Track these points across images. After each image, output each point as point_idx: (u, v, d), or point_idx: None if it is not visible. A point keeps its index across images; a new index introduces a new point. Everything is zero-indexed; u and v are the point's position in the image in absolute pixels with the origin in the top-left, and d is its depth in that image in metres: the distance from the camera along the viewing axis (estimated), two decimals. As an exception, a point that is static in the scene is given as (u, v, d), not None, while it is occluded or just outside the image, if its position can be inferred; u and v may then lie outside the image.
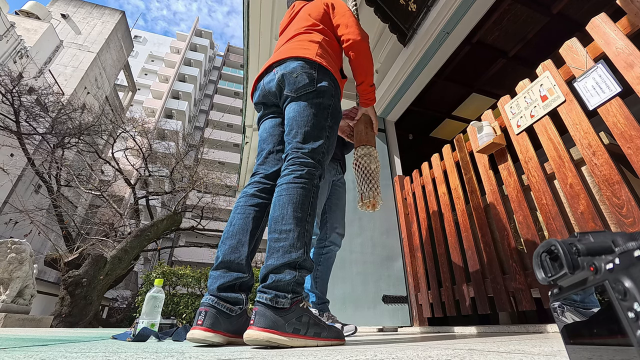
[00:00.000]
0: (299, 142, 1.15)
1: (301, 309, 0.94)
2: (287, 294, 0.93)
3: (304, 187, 1.08)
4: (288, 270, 0.95)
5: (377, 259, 2.60)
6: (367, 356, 0.56)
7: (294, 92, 1.21)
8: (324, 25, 1.41)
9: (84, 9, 19.09)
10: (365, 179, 1.42)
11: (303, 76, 1.20)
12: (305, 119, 1.18)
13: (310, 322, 0.93)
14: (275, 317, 0.88)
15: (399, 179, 2.97)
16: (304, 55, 1.24)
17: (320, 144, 1.17)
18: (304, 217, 1.04)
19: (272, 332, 0.85)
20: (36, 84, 11.70)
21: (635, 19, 1.31)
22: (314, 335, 0.92)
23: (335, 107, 1.26)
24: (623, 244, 0.27)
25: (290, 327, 0.89)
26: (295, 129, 1.17)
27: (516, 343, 0.82)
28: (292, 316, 0.90)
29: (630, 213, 1.23)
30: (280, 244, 0.98)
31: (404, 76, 3.04)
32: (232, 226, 1.13)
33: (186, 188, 10.45)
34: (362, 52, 1.37)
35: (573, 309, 0.95)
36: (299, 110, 1.19)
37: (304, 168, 1.11)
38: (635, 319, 0.24)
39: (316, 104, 1.20)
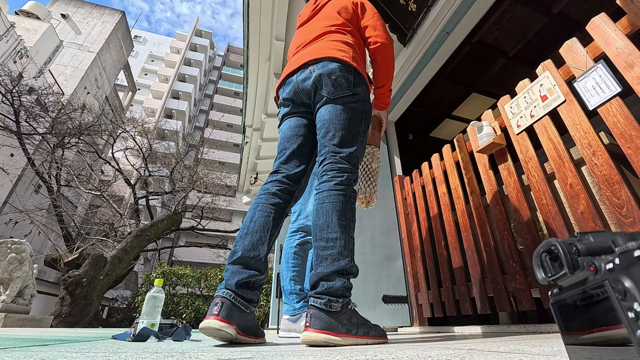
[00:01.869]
0: (336, 146, 1.16)
1: (350, 311, 0.99)
2: (339, 298, 0.98)
3: (345, 193, 1.10)
4: (338, 278, 1.00)
5: (377, 259, 2.60)
6: (367, 356, 0.56)
7: (331, 94, 1.21)
8: (353, 26, 1.40)
9: (84, 9, 19.10)
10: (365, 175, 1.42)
11: (342, 79, 1.20)
12: (342, 123, 1.18)
13: (359, 322, 0.99)
14: (329, 320, 0.94)
15: (399, 179, 2.97)
16: (341, 57, 1.23)
17: (356, 149, 1.18)
18: (347, 224, 1.07)
19: (328, 333, 0.92)
20: (36, 84, 11.71)
21: (635, 19, 1.31)
22: (363, 334, 0.97)
23: (368, 112, 1.27)
24: (623, 244, 0.27)
25: (343, 328, 0.94)
26: (332, 131, 1.17)
27: (516, 343, 0.82)
28: (343, 318, 0.96)
29: (630, 213, 1.23)
30: (328, 252, 1.02)
31: (404, 76, 3.04)
32: (253, 222, 1.12)
33: (186, 188, 10.45)
34: (388, 56, 1.37)
35: (573, 309, 0.95)
36: (336, 113, 1.19)
37: (343, 174, 1.13)
38: (635, 319, 0.24)
39: (352, 108, 1.20)
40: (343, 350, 0.71)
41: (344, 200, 1.09)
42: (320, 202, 1.10)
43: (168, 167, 11.43)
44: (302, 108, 1.31)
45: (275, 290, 2.19)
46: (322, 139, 1.20)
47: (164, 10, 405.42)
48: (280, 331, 1.71)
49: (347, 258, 1.02)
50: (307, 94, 1.27)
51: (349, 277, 1.03)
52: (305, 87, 1.26)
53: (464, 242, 2.10)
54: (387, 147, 3.28)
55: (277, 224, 1.16)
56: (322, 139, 1.20)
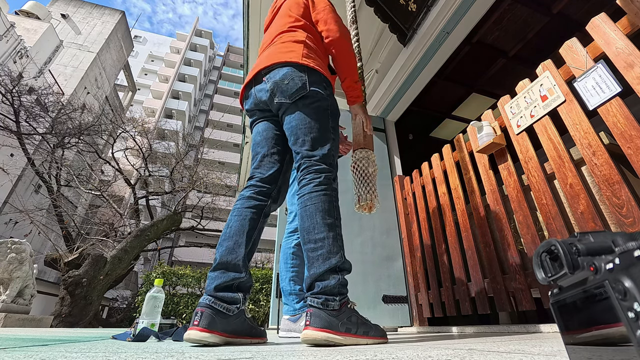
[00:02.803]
0: (308, 151, 1.16)
1: (350, 310, 0.99)
2: (335, 296, 0.98)
3: (326, 193, 1.11)
4: (332, 276, 1.00)
5: (377, 259, 2.60)
6: (367, 356, 0.56)
7: (288, 98, 1.21)
8: (306, 20, 1.38)
9: (84, 9, 19.09)
10: (363, 181, 1.42)
11: (294, 81, 1.19)
12: (308, 126, 1.18)
13: (359, 321, 0.98)
14: (329, 318, 0.94)
15: (399, 179, 2.97)
16: (291, 59, 1.22)
17: (329, 148, 1.18)
18: (333, 222, 1.07)
19: (328, 331, 0.91)
20: (36, 84, 11.71)
21: (635, 19, 1.31)
22: (363, 333, 0.97)
23: (333, 106, 1.26)
24: (623, 244, 0.27)
25: (343, 327, 0.94)
26: (302, 137, 1.17)
27: (516, 343, 0.82)
28: (343, 316, 0.96)
29: (630, 213, 1.23)
30: (318, 253, 1.02)
31: (404, 76, 3.04)
32: (229, 228, 1.14)
33: (186, 188, 10.45)
34: (343, 48, 1.34)
35: (573, 309, 0.95)
36: (300, 119, 1.19)
37: (320, 175, 1.13)
38: (635, 319, 0.24)
39: (315, 108, 1.20)
40: (343, 350, 0.71)
41: (325, 199, 1.09)
42: (303, 205, 1.11)
43: (168, 167, 11.43)
44: (267, 113, 1.33)
45: (275, 290, 2.19)
46: (294, 147, 1.20)
47: (165, 11, 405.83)
48: (281, 331, 1.71)
49: (337, 255, 1.02)
50: (266, 104, 1.28)
51: (343, 273, 1.03)
52: (261, 98, 1.27)
53: (464, 242, 2.10)
54: (387, 147, 3.28)
55: (254, 225, 1.16)
56: (294, 147, 1.20)
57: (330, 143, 1.19)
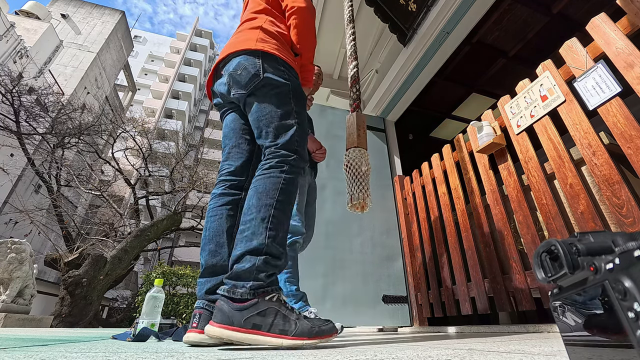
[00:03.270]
0: (271, 142, 1.08)
1: (267, 302, 0.84)
2: (247, 282, 0.85)
3: (271, 175, 1.02)
4: (248, 257, 0.88)
5: (377, 259, 2.60)
6: (367, 356, 0.56)
7: (243, 88, 1.13)
8: (268, 4, 1.32)
9: (84, 9, 19.09)
10: (356, 180, 1.41)
11: (247, 70, 1.12)
12: (269, 116, 1.10)
13: (278, 318, 0.82)
14: (231, 312, 0.80)
15: (399, 179, 2.97)
16: (243, 47, 1.15)
17: (293, 133, 1.09)
18: (269, 202, 0.96)
19: (224, 327, 0.78)
20: (36, 84, 11.70)
21: (635, 19, 1.31)
22: (279, 332, 0.80)
23: (295, 88, 1.16)
24: (623, 244, 0.27)
25: (249, 323, 0.80)
26: (264, 129, 1.10)
27: (516, 343, 0.82)
28: (252, 310, 0.81)
29: (630, 213, 1.23)
30: (243, 235, 0.92)
31: (404, 76, 3.04)
32: (207, 231, 1.11)
33: (186, 188, 10.45)
34: (303, 19, 1.28)
35: (573, 309, 0.95)
36: (260, 110, 1.12)
37: (274, 159, 1.05)
38: (635, 319, 0.24)
39: (274, 95, 1.12)
40: (343, 350, 0.71)
41: (269, 181, 1.00)
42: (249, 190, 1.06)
43: (168, 167, 11.43)
44: (233, 104, 1.28)
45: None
46: (259, 140, 1.14)
47: (166, 11, 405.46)
48: None
49: (261, 236, 0.90)
50: (226, 97, 1.25)
51: (265, 258, 0.89)
52: (222, 91, 1.24)
53: (464, 242, 2.10)
54: (387, 147, 3.28)
55: (233, 222, 1.12)
56: (259, 140, 1.14)
57: (294, 129, 1.10)
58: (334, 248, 2.50)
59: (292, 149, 1.08)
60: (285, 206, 1.00)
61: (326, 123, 3.05)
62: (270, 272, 0.89)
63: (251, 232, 0.91)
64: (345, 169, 1.48)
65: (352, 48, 1.60)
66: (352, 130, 1.51)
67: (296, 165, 1.07)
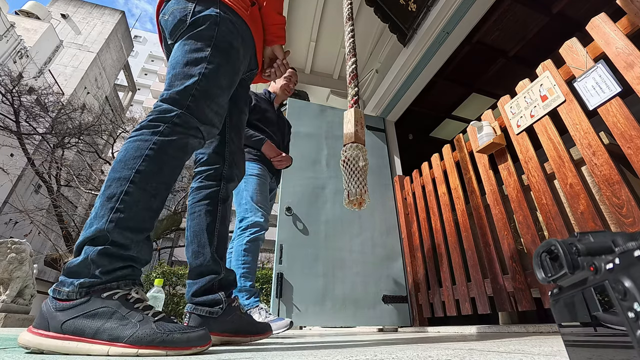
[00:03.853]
0: (164, 90, 0.88)
1: (103, 301, 0.66)
2: (76, 279, 0.67)
3: (137, 139, 0.80)
4: (86, 248, 0.70)
5: (377, 259, 2.60)
6: (367, 356, 0.56)
7: (170, 36, 0.97)
8: None
9: (84, 9, 19.09)
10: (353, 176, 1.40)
11: (175, 13, 0.95)
12: (175, 61, 0.90)
13: (112, 320, 0.65)
14: (50, 313, 0.64)
15: (399, 179, 2.97)
16: None
17: (190, 84, 0.86)
18: (124, 175, 0.75)
19: (36, 333, 0.63)
20: (36, 84, 11.70)
21: (635, 18, 1.31)
22: (107, 339, 0.62)
23: (222, 37, 0.94)
24: (623, 244, 0.27)
25: (70, 327, 0.63)
26: (166, 76, 0.90)
27: (516, 343, 0.82)
28: (76, 311, 0.64)
29: (630, 213, 1.23)
30: (89, 218, 0.74)
31: (404, 76, 3.04)
32: (188, 230, 1.06)
33: (186, 188, 10.45)
34: None
35: (573, 309, 0.95)
36: (173, 55, 0.93)
37: (150, 116, 0.84)
38: (635, 319, 0.24)
39: (192, 37, 0.92)
40: (343, 351, 0.70)
41: (133, 146, 0.79)
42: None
43: (168, 167, 11.43)
44: None
45: (275, 290, 2.19)
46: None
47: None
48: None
49: (102, 220, 0.71)
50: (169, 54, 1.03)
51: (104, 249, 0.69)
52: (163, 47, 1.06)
53: (464, 242, 2.10)
54: (387, 147, 3.28)
55: (213, 218, 1.04)
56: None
57: (195, 80, 0.87)
58: (334, 248, 2.50)
59: (181, 103, 0.84)
60: (149, 180, 0.77)
61: (326, 123, 3.05)
62: (113, 267, 0.70)
63: (94, 214, 0.72)
64: (343, 164, 1.47)
65: (351, 45, 1.59)
66: (350, 126, 1.51)
67: (182, 125, 0.84)
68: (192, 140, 0.87)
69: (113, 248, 0.70)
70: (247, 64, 1.08)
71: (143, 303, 0.71)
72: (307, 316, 2.21)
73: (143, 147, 0.78)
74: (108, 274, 0.69)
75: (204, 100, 0.88)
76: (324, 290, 2.32)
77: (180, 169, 0.86)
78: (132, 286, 0.72)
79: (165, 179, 0.81)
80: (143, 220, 0.76)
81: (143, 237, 0.76)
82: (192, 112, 0.86)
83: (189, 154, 0.88)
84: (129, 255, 0.73)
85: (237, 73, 1.00)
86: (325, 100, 3.88)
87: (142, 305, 0.70)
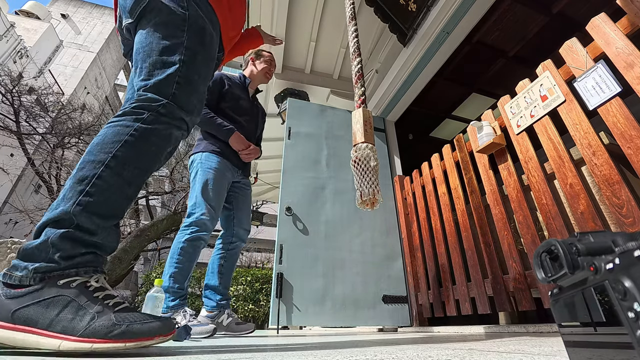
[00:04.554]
0: (143, 80, 0.85)
1: (59, 289, 0.62)
2: (32, 263, 0.63)
3: (118, 124, 0.78)
4: (47, 230, 0.66)
5: (377, 259, 2.60)
6: (367, 356, 0.56)
7: (128, 16, 0.92)
8: None
9: (84, 8, 19.10)
10: (365, 176, 1.41)
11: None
12: (148, 49, 0.87)
13: (67, 310, 0.61)
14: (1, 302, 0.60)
15: (399, 179, 2.97)
16: None
17: (171, 72, 0.84)
18: (100, 159, 0.73)
19: None
20: (36, 84, 11.70)
21: (635, 18, 1.31)
22: (60, 331, 0.58)
23: (194, 20, 0.90)
24: (623, 244, 0.27)
25: (21, 317, 0.59)
26: (140, 64, 0.87)
27: (516, 343, 0.82)
28: (29, 299, 0.60)
29: (630, 213, 1.23)
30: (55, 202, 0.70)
31: (404, 76, 3.04)
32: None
33: (186, 188, 10.45)
34: None
35: (573, 309, 0.95)
36: (140, 41, 0.89)
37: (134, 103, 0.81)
38: (635, 319, 0.24)
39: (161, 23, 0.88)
40: (343, 350, 0.71)
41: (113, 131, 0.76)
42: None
43: (168, 167, 11.43)
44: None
45: (275, 290, 2.19)
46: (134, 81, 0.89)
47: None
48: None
49: (70, 202, 0.67)
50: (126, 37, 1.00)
51: (68, 232, 0.66)
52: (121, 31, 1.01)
53: (464, 242, 2.10)
54: (387, 147, 3.28)
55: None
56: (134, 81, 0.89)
57: (175, 67, 0.85)
58: (334, 248, 2.50)
59: (166, 92, 0.83)
60: (126, 166, 0.74)
61: (326, 123, 3.05)
62: (74, 252, 0.66)
63: (62, 196, 0.69)
64: (354, 165, 1.48)
65: (355, 45, 1.59)
66: (359, 126, 1.51)
67: (167, 115, 0.82)
68: (176, 132, 0.85)
69: (77, 232, 0.67)
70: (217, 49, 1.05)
71: (104, 292, 0.66)
72: (307, 316, 2.21)
73: (123, 132, 0.76)
74: (67, 259, 0.65)
75: (187, 89, 0.87)
76: (324, 290, 2.32)
77: (160, 160, 0.83)
78: (93, 274, 0.68)
79: (143, 167, 0.78)
80: (114, 207, 0.73)
81: (112, 224, 0.73)
82: (177, 102, 0.84)
83: (172, 145, 0.85)
84: (93, 241, 0.69)
85: (213, 59, 0.97)
86: (325, 100, 3.88)
87: (102, 294, 0.65)
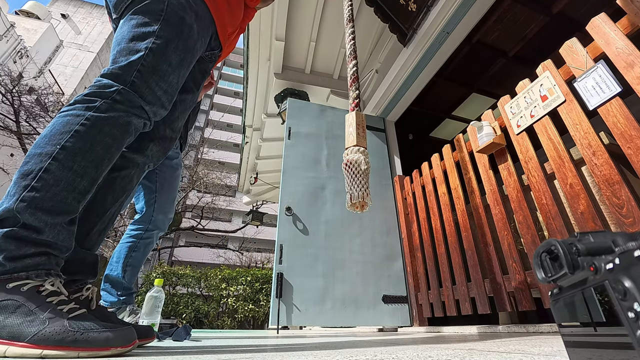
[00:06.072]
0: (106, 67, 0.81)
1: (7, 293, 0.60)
2: None
3: (68, 114, 0.73)
4: None
5: (377, 259, 2.60)
6: (367, 356, 0.56)
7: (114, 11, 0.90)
8: None
9: (84, 8, 19.11)
10: (355, 179, 1.40)
11: None
12: (121, 36, 0.84)
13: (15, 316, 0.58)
14: None
15: (399, 179, 2.97)
16: None
17: (136, 58, 0.80)
18: (47, 151, 0.68)
19: None
20: (36, 84, 11.71)
21: (635, 18, 1.31)
22: (7, 337, 0.56)
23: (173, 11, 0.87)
24: (623, 244, 0.27)
25: None
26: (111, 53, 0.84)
27: (516, 343, 0.82)
28: None
29: (630, 213, 1.23)
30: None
31: (404, 76, 3.04)
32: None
33: (186, 188, 10.45)
34: None
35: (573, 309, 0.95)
36: (119, 31, 0.87)
37: (86, 90, 0.77)
38: (635, 319, 0.23)
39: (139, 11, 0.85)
40: (343, 350, 0.71)
41: (62, 121, 0.72)
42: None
43: (168, 167, 11.44)
44: None
45: (275, 290, 2.19)
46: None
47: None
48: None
49: (13, 198, 0.64)
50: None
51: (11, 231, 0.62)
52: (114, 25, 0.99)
53: (464, 242, 2.10)
54: (387, 147, 3.28)
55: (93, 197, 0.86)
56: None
57: (141, 55, 0.81)
58: (334, 248, 2.50)
59: (124, 78, 0.78)
60: (76, 158, 0.70)
61: (326, 123, 3.05)
62: (21, 252, 0.62)
63: (7, 192, 0.66)
64: (345, 167, 1.48)
65: (352, 47, 1.59)
66: (352, 129, 1.51)
67: (123, 102, 0.78)
68: (136, 120, 0.81)
69: (23, 231, 0.63)
70: (206, 43, 1.01)
71: (58, 297, 0.63)
72: (307, 316, 2.21)
73: (73, 122, 0.72)
74: (15, 260, 0.61)
75: (151, 77, 0.82)
76: (324, 290, 2.32)
77: (118, 150, 0.79)
78: (47, 277, 0.64)
79: (97, 158, 0.73)
80: (64, 202, 0.68)
81: (62, 221, 0.68)
82: (136, 89, 0.80)
83: (131, 134, 0.81)
84: (42, 240, 0.65)
85: (191, 51, 0.92)
86: (326, 100, 3.88)
87: (56, 300, 0.62)
